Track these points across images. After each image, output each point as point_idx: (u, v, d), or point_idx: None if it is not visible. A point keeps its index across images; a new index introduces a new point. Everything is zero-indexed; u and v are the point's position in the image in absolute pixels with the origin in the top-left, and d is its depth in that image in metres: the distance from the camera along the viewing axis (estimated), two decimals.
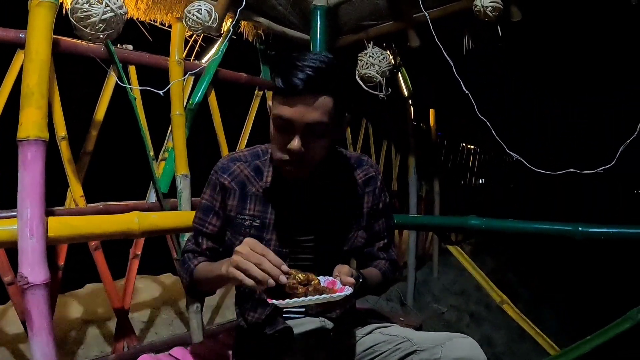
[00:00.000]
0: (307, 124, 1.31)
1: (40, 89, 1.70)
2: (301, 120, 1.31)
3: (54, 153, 2.23)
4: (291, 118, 1.31)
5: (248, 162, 1.59)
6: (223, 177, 1.57)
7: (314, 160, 1.40)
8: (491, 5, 2.49)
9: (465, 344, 1.36)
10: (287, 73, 1.30)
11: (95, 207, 2.53)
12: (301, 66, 1.29)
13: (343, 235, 1.60)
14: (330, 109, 1.33)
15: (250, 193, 1.56)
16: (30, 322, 1.64)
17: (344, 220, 1.60)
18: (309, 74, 1.28)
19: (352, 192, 1.62)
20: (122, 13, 1.95)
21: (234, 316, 1.85)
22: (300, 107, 1.30)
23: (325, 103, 1.31)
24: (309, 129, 1.33)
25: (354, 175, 1.63)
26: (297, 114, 1.31)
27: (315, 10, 3.02)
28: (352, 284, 1.28)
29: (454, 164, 8.39)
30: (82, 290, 3.51)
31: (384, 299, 5.29)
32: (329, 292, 1.25)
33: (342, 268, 1.35)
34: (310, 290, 1.24)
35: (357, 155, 1.70)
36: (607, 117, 8.79)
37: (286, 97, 1.31)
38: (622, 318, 2.27)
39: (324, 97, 1.31)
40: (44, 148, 1.70)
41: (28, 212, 1.63)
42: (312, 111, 1.30)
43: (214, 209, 1.60)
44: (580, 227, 2.35)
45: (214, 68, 2.97)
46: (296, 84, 1.28)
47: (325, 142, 1.39)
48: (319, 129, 1.33)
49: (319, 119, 1.31)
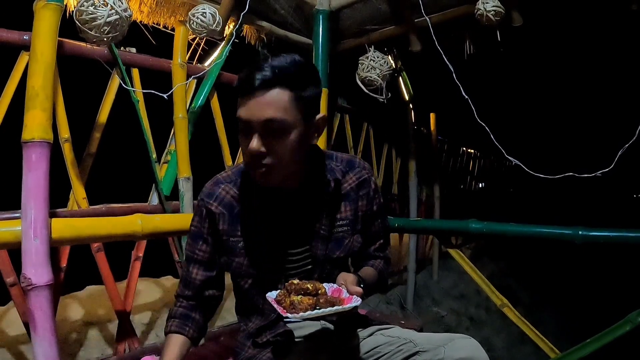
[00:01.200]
0: (264, 121, 1.26)
1: (45, 90, 1.71)
2: (256, 118, 1.26)
3: (57, 154, 2.25)
4: (247, 117, 1.27)
5: (233, 182, 1.54)
6: (209, 202, 1.52)
7: (281, 161, 1.33)
8: (493, 10, 2.51)
9: (468, 345, 1.36)
10: (244, 73, 1.28)
11: (97, 209, 2.54)
12: (259, 65, 1.26)
13: (339, 242, 1.57)
14: (286, 104, 1.26)
15: (240, 214, 1.52)
16: (33, 323, 1.65)
17: (338, 227, 1.57)
18: (264, 71, 1.24)
19: (345, 197, 1.58)
20: (127, 16, 1.96)
21: (235, 319, 1.84)
22: (253, 105, 1.26)
23: (280, 97, 1.26)
24: (266, 128, 1.27)
25: (346, 179, 1.58)
26: (251, 112, 1.26)
27: (318, 15, 3.04)
28: (359, 293, 1.27)
29: (454, 168, 8.40)
30: (82, 291, 3.52)
31: (384, 302, 5.29)
32: (339, 303, 1.25)
33: (347, 277, 1.34)
34: (321, 302, 1.23)
35: (348, 157, 1.63)
36: (607, 121, 8.81)
37: (242, 97, 1.28)
38: (621, 321, 2.28)
39: (277, 90, 1.25)
40: (48, 150, 1.71)
41: (32, 214, 1.64)
42: (265, 107, 1.25)
43: (202, 236, 1.55)
44: (580, 231, 2.36)
45: (217, 71, 2.98)
46: (248, 80, 1.25)
47: (290, 142, 1.31)
48: (277, 126, 1.27)
49: (273, 115, 1.25)
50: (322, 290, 1.28)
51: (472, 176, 9.74)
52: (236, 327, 2.13)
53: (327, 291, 1.30)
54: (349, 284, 1.30)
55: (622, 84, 6.68)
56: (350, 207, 1.58)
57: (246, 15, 2.67)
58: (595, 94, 7.50)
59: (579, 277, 9.34)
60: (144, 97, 2.68)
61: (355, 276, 1.36)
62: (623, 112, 7.09)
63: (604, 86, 7.01)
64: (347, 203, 1.57)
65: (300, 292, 1.25)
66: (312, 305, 1.21)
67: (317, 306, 1.22)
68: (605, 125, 8.85)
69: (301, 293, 1.25)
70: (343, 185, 1.57)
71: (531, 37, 4.69)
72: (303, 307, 1.20)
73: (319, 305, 1.22)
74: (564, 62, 5.97)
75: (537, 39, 4.97)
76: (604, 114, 8.63)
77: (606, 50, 5.35)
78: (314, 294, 1.25)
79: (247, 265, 1.52)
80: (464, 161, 9.18)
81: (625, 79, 6.34)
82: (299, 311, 1.19)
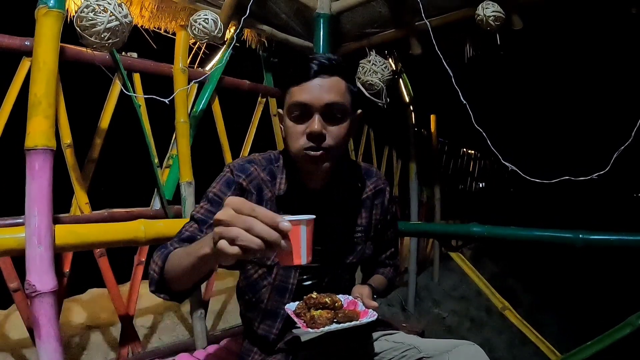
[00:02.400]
0: (326, 104, 1.36)
1: (47, 98, 1.72)
2: (319, 101, 1.36)
3: (60, 160, 2.25)
4: (309, 101, 1.36)
5: (263, 166, 1.56)
6: (241, 177, 1.51)
7: (335, 147, 1.41)
8: (493, 15, 2.51)
9: (471, 351, 1.37)
10: (300, 63, 1.38)
11: (100, 214, 2.54)
12: (312, 57, 1.39)
13: (352, 248, 1.62)
14: (344, 91, 1.40)
15: (267, 198, 1.53)
16: (37, 329, 1.65)
17: (355, 233, 1.62)
18: (321, 59, 1.37)
19: (363, 204, 1.64)
20: (128, 22, 1.96)
21: (238, 321, 1.85)
22: (316, 89, 1.36)
23: (339, 84, 1.39)
24: (327, 110, 1.37)
25: (364, 187, 1.66)
26: (314, 95, 1.36)
27: (318, 18, 3.04)
28: (376, 307, 1.34)
29: (454, 169, 8.41)
30: (84, 295, 3.53)
31: (385, 304, 5.29)
32: (356, 317, 1.30)
33: (363, 290, 1.42)
34: (340, 316, 1.28)
35: (367, 166, 1.72)
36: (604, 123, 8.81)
37: (300, 83, 1.38)
38: (622, 324, 2.29)
39: (337, 78, 1.39)
40: (51, 157, 1.71)
41: (36, 221, 1.64)
42: (328, 92, 1.36)
43: (220, 203, 1.48)
44: (580, 234, 2.37)
45: (218, 75, 2.99)
46: (310, 66, 1.36)
47: (345, 128, 1.42)
48: (337, 109, 1.38)
49: (335, 99, 1.37)
50: (339, 303, 1.33)
51: (472, 177, 9.75)
52: (239, 330, 2.13)
53: (343, 303, 1.35)
54: (364, 298, 1.38)
55: (622, 88, 6.68)
56: (366, 214, 1.65)
57: (247, 19, 2.67)
58: (595, 97, 7.50)
59: (580, 279, 9.33)
60: (145, 101, 2.68)
61: (370, 289, 1.45)
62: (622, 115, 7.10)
63: (603, 90, 7.02)
64: (363, 210, 1.64)
65: (319, 306, 1.30)
66: (330, 319, 1.27)
67: (334, 319, 1.27)
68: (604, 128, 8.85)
69: (320, 307, 1.30)
70: (361, 193, 1.64)
71: (531, 41, 4.69)
72: (322, 321, 1.25)
73: (337, 319, 1.27)
74: (563, 65, 5.98)
75: (537, 42, 4.97)
76: (603, 117, 8.63)
77: (605, 54, 5.36)
78: (332, 308, 1.31)
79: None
80: (464, 162, 9.19)
81: (625, 83, 6.35)
82: (319, 326, 1.23)
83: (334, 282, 1.55)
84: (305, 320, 1.27)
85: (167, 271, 1.30)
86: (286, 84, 1.43)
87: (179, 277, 1.24)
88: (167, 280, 1.31)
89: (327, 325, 1.24)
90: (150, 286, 1.34)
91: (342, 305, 1.34)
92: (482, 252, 8.57)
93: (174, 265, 1.26)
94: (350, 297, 1.40)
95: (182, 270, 1.20)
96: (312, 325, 1.24)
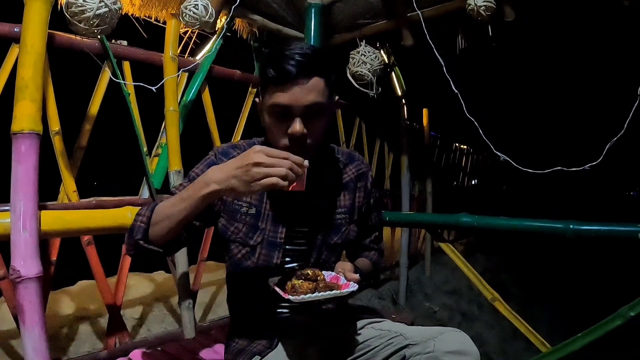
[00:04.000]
0: (305, 106, 1.36)
1: (35, 82, 1.71)
2: (299, 103, 1.36)
3: (48, 148, 2.23)
4: (289, 103, 1.36)
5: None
6: (223, 160, 1.53)
7: (316, 142, 1.43)
8: (484, 5, 2.51)
9: (457, 338, 1.37)
10: (278, 62, 1.35)
11: (88, 203, 2.52)
12: (289, 54, 1.35)
13: (336, 228, 1.63)
14: (323, 89, 1.40)
15: None
16: (22, 316, 1.64)
17: (337, 214, 1.63)
18: (300, 60, 1.34)
19: (345, 187, 1.66)
20: (117, 8, 1.96)
21: (226, 313, 1.85)
22: (296, 91, 1.35)
23: (318, 84, 1.38)
24: (307, 111, 1.37)
25: (347, 170, 1.68)
26: (294, 98, 1.36)
27: (310, 8, 3.03)
28: (357, 280, 1.37)
29: (446, 164, 8.42)
30: (73, 287, 3.51)
31: (376, 297, 5.30)
32: (337, 288, 1.33)
33: (345, 265, 1.45)
34: (321, 286, 1.31)
35: (348, 151, 1.74)
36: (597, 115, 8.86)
37: (280, 84, 1.36)
38: (612, 315, 2.30)
39: (316, 78, 1.37)
40: (37, 141, 1.70)
41: (21, 205, 1.63)
42: (307, 93, 1.36)
43: None
44: (571, 225, 2.38)
45: (208, 65, 2.98)
46: (289, 70, 1.34)
47: (323, 123, 1.44)
48: (317, 109, 1.38)
49: (315, 100, 1.37)
50: (322, 276, 1.37)
51: (465, 172, 9.76)
52: (227, 321, 2.13)
53: (325, 278, 1.38)
54: (346, 272, 1.41)
55: (614, 79, 6.70)
56: (349, 196, 1.67)
57: (238, 9, 2.66)
58: (588, 90, 7.53)
59: (571, 272, 9.39)
60: (135, 90, 2.67)
61: (352, 265, 1.47)
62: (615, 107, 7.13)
63: (596, 81, 7.04)
64: (347, 193, 1.66)
65: (300, 277, 1.34)
66: (311, 289, 1.29)
67: (316, 290, 1.29)
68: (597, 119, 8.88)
69: (302, 278, 1.33)
70: (344, 175, 1.67)
71: (524, 32, 4.70)
72: (303, 290, 1.28)
73: (319, 290, 1.29)
74: (555, 56, 5.99)
75: (530, 34, 4.98)
76: (596, 108, 8.67)
77: (597, 46, 5.37)
78: (314, 280, 1.33)
79: (244, 232, 1.55)
80: (457, 157, 9.20)
81: (617, 74, 6.37)
82: (299, 294, 1.26)
83: (318, 265, 1.55)
84: (287, 289, 1.30)
85: (154, 220, 1.37)
86: (266, 80, 1.41)
87: (168, 224, 1.34)
88: (154, 228, 1.38)
89: (307, 293, 1.26)
90: (137, 235, 1.38)
91: (324, 278, 1.37)
92: (474, 247, 8.60)
93: (164, 210, 1.36)
94: (333, 273, 1.43)
95: (175, 214, 1.32)
96: (293, 293, 1.27)
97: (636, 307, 2.22)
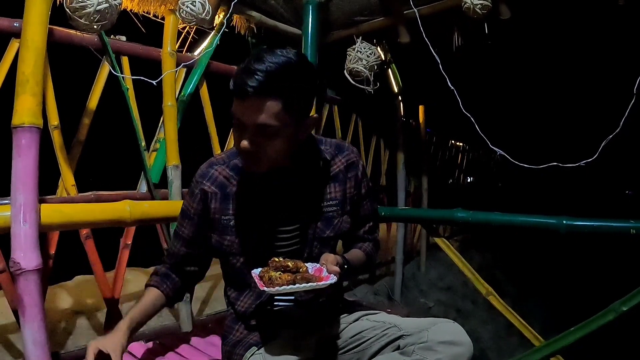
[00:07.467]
0: (256, 124, 1.33)
1: (35, 76, 1.71)
2: (249, 121, 1.34)
3: (47, 142, 2.25)
4: (241, 118, 1.36)
5: (226, 163, 1.60)
6: (203, 183, 1.58)
7: (268, 157, 1.41)
8: (480, 3, 2.53)
9: (450, 328, 1.40)
10: (240, 73, 1.33)
11: (86, 196, 2.54)
12: (253, 68, 1.30)
13: (328, 222, 1.61)
14: (279, 112, 1.33)
15: (232, 193, 1.57)
16: (22, 308, 1.65)
17: (328, 207, 1.62)
18: (257, 78, 1.29)
19: (335, 178, 1.63)
20: (117, 4, 1.97)
21: (223, 307, 1.86)
22: (248, 109, 1.33)
23: (272, 106, 1.32)
24: (257, 130, 1.35)
25: (335, 161, 1.64)
26: (245, 115, 1.34)
27: (307, 5, 3.03)
28: (336, 272, 1.35)
29: (442, 161, 8.43)
30: (72, 281, 3.52)
31: (371, 293, 5.32)
32: (316, 280, 1.33)
33: (327, 257, 1.40)
34: (298, 278, 1.32)
35: (337, 141, 1.70)
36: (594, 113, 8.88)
37: (236, 97, 1.35)
38: (605, 310, 2.31)
39: (270, 100, 1.32)
40: (38, 135, 1.71)
41: (21, 198, 1.64)
42: (258, 113, 1.32)
43: (189, 216, 1.62)
44: (564, 221, 2.39)
45: (206, 60, 2.99)
46: (242, 87, 1.30)
47: (279, 144, 1.39)
48: (267, 131, 1.35)
49: (265, 121, 1.33)
50: (304, 268, 1.38)
51: (460, 170, 9.78)
52: (224, 315, 2.15)
53: (309, 270, 1.39)
54: (328, 264, 1.38)
55: (609, 77, 6.73)
56: (340, 187, 1.63)
57: (236, 5, 2.67)
58: (584, 87, 7.56)
59: (565, 268, 9.43)
60: (133, 85, 2.68)
61: (336, 256, 1.43)
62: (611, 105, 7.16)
63: (592, 79, 7.07)
64: (336, 184, 1.63)
65: (280, 268, 1.36)
66: (290, 281, 1.30)
67: (295, 282, 1.31)
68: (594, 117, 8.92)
69: (281, 270, 1.35)
70: (332, 167, 1.63)
71: (520, 30, 4.72)
72: (280, 282, 1.30)
73: (297, 282, 1.30)
74: (551, 54, 6.02)
75: (526, 32, 5.00)
76: (593, 107, 8.70)
77: (593, 44, 5.39)
78: (294, 271, 1.35)
79: (238, 243, 1.57)
80: (453, 154, 9.21)
81: (611, 72, 6.40)
82: (275, 286, 1.28)
83: (312, 259, 1.55)
84: (265, 280, 1.32)
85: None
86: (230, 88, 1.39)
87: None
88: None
89: (283, 285, 1.29)
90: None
91: (306, 270, 1.37)
92: (469, 244, 8.62)
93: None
94: (317, 264, 1.42)
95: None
96: (269, 285, 1.30)
97: (628, 302, 2.24)
